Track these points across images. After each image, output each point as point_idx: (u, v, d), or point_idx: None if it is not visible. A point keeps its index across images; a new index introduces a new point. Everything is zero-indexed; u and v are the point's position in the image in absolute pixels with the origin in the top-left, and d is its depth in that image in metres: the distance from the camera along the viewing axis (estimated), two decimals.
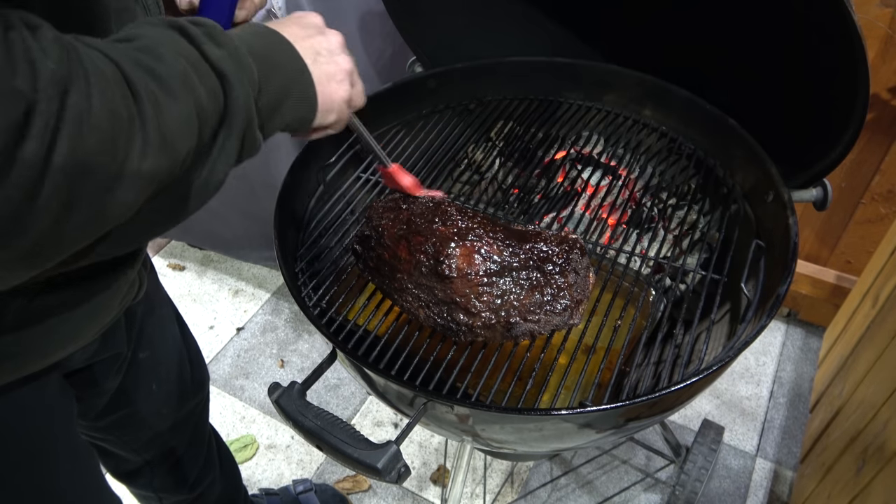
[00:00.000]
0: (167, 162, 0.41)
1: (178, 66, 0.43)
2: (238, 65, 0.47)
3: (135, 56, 0.41)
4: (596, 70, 1.02)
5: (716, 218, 0.90)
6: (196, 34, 0.46)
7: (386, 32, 1.40)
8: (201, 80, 0.44)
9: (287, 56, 0.55)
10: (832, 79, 0.80)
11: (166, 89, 0.41)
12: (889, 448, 0.94)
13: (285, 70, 0.54)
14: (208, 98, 0.45)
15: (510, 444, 0.76)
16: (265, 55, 0.52)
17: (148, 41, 0.44)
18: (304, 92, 0.56)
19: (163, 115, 0.40)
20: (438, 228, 0.71)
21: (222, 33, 0.48)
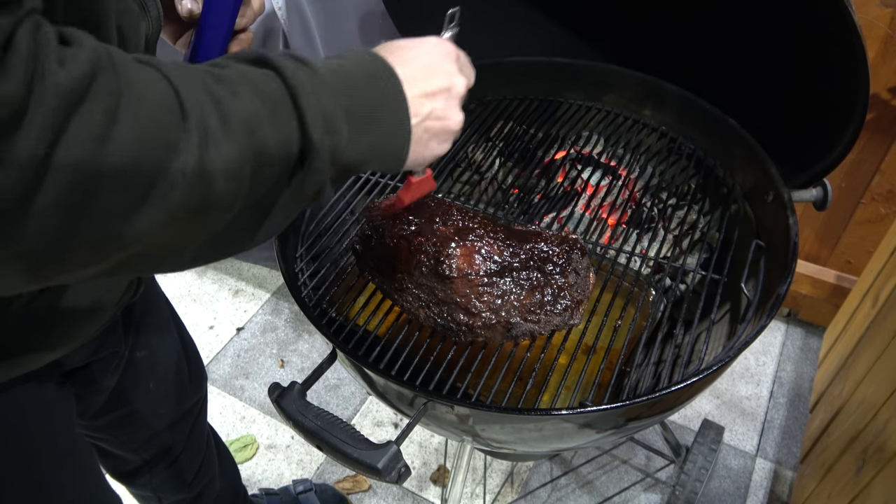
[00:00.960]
0: (197, 199, 0.38)
1: (251, 107, 0.40)
2: (328, 132, 0.43)
3: (205, 82, 0.39)
4: (596, 70, 1.02)
5: (716, 218, 0.90)
6: (294, 81, 0.43)
7: (386, 32, 1.40)
8: (276, 127, 0.41)
9: (392, 115, 0.49)
10: (832, 79, 0.80)
11: (224, 124, 0.39)
12: (889, 448, 0.94)
13: (382, 130, 0.48)
14: (277, 146, 0.41)
15: (510, 444, 0.76)
16: (367, 119, 0.47)
17: (233, 72, 0.42)
18: (394, 155, 0.51)
19: (209, 151, 0.38)
20: (439, 228, 0.71)
21: (323, 82, 0.44)
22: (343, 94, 0.45)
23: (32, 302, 0.55)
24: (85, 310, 0.60)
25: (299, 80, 0.43)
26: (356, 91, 0.46)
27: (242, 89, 0.41)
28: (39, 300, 0.55)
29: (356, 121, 0.45)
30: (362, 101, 0.46)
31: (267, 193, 0.43)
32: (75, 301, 0.58)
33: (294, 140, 0.42)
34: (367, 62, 0.49)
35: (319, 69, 0.45)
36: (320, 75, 0.45)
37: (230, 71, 0.42)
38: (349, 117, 0.45)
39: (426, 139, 0.52)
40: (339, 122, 0.44)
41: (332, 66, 0.46)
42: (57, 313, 0.58)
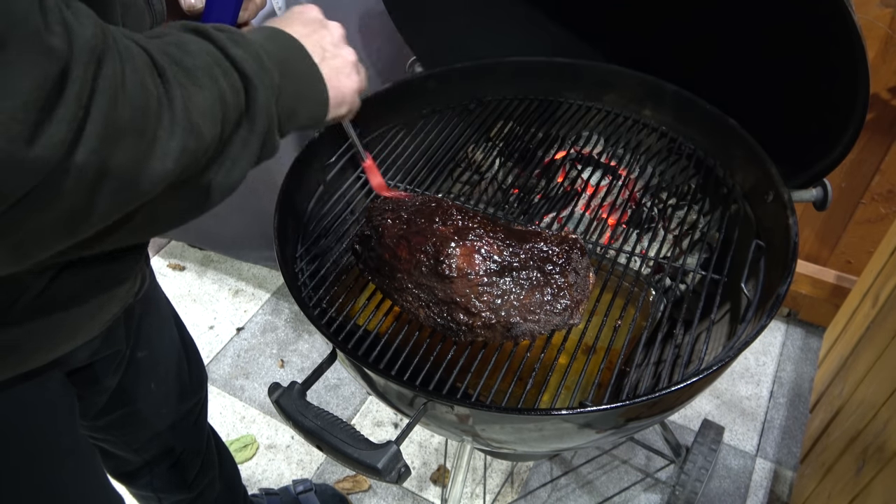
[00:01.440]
0: (192, 144, 0.42)
1: (203, 60, 0.45)
2: (260, 68, 0.49)
3: (163, 47, 0.43)
4: (596, 70, 1.02)
5: (716, 218, 0.90)
6: (219, 38, 0.47)
7: (386, 32, 1.40)
8: (225, 76, 0.45)
9: (299, 59, 0.56)
10: (832, 79, 0.80)
11: (192, 78, 0.43)
12: (889, 448, 0.94)
13: (299, 73, 0.55)
14: (231, 93, 0.46)
15: (510, 444, 0.76)
16: (281, 59, 0.53)
17: (175, 38, 0.46)
18: (317, 93, 0.57)
19: (190, 100, 0.42)
20: (439, 228, 0.71)
21: (243, 37, 0.49)
22: (259, 45, 0.50)
23: (40, 297, 0.55)
24: (91, 306, 0.61)
25: (221, 38, 0.47)
26: (268, 45, 0.52)
27: (190, 48, 0.45)
28: (47, 295, 0.55)
29: (278, 64, 0.51)
30: (275, 53, 0.52)
31: (233, 135, 0.47)
32: (82, 297, 0.59)
33: (238, 84, 0.47)
34: (259, 32, 0.55)
35: (233, 31, 0.50)
36: (235, 34, 0.49)
37: (172, 36, 0.46)
38: (270, 58, 0.50)
39: (335, 76, 0.60)
40: (266, 62, 0.50)
41: (234, 30, 0.51)
42: (62, 309, 0.58)
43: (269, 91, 0.49)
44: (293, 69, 0.54)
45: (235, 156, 0.48)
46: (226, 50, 0.47)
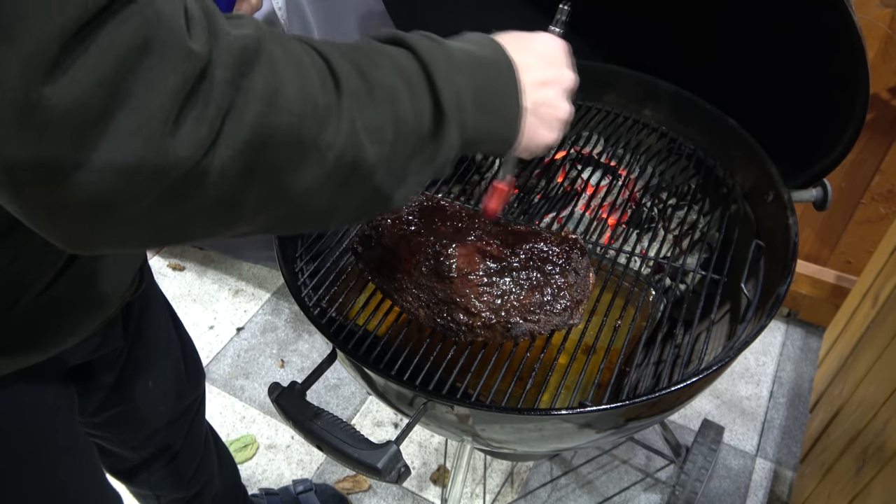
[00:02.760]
0: (350, 158, 0.41)
1: (391, 77, 0.43)
2: (458, 106, 0.47)
3: (351, 55, 0.42)
4: (596, 70, 1.02)
5: (716, 218, 0.90)
6: (428, 57, 0.46)
7: None
8: (412, 98, 0.44)
9: (508, 103, 0.52)
10: (832, 79, 0.80)
11: (371, 93, 0.41)
12: (889, 448, 0.94)
13: (501, 116, 0.52)
14: (414, 116, 0.44)
15: (510, 444, 0.76)
16: (489, 97, 0.50)
17: (371, 48, 0.45)
18: (509, 136, 0.54)
19: (360, 114, 0.40)
20: (439, 228, 0.71)
21: (454, 58, 0.47)
22: (470, 75, 0.48)
23: (40, 296, 0.55)
24: (90, 304, 0.61)
25: (433, 59, 0.46)
26: (480, 74, 0.49)
27: (382, 62, 0.43)
28: (47, 294, 0.55)
29: (479, 100, 0.49)
30: (485, 83, 0.49)
31: (404, 160, 0.45)
32: (80, 295, 0.59)
33: (428, 113, 0.45)
34: (488, 48, 0.52)
35: (451, 49, 0.48)
36: (452, 55, 0.47)
37: (369, 47, 0.45)
38: (474, 97, 0.48)
39: (536, 125, 0.55)
40: (467, 100, 0.47)
41: (459, 47, 0.50)
42: (63, 307, 0.58)
43: (459, 129, 0.47)
44: (496, 110, 0.51)
45: (403, 173, 0.46)
46: (431, 74, 0.45)
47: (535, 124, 0.55)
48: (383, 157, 0.43)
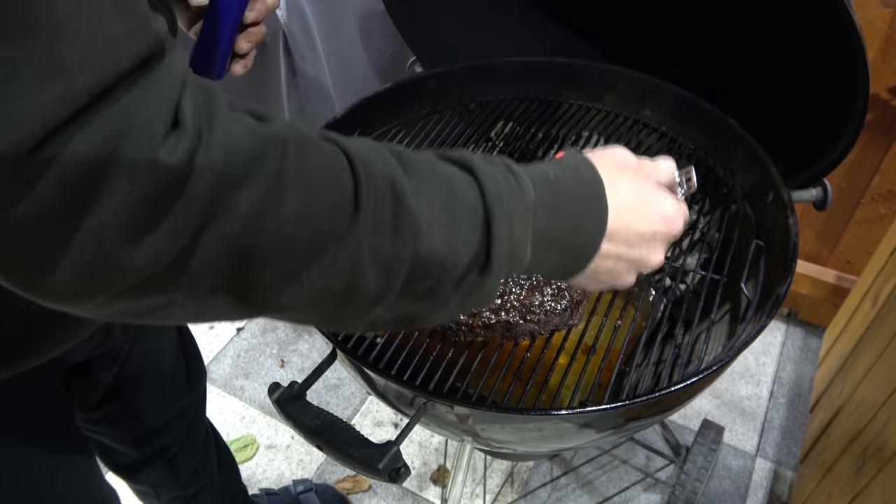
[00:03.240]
0: (343, 285, 0.36)
1: (433, 211, 0.38)
2: (510, 259, 0.41)
3: (392, 174, 0.37)
4: (596, 70, 1.02)
5: (716, 218, 0.90)
6: (493, 202, 0.40)
7: (386, 32, 1.40)
8: (453, 238, 0.39)
9: (575, 257, 0.47)
10: (832, 79, 0.80)
11: (396, 224, 0.36)
12: (889, 448, 0.94)
13: (559, 260, 0.46)
14: (447, 259, 0.39)
15: (510, 444, 0.76)
16: (553, 241, 0.44)
17: (427, 168, 0.39)
18: (558, 276, 0.49)
19: (373, 245, 0.36)
20: None
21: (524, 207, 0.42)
22: (543, 215, 0.43)
23: (33, 304, 0.55)
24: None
25: (499, 200, 0.40)
26: (557, 217, 0.44)
27: (428, 190, 0.38)
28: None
29: (542, 245, 0.44)
30: (557, 231, 0.44)
31: (422, 294, 0.40)
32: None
33: (469, 256, 0.40)
34: (585, 185, 0.46)
35: (527, 188, 0.43)
36: (524, 195, 0.42)
37: (424, 165, 0.40)
38: (536, 242, 0.43)
39: (610, 275, 0.50)
40: (524, 248, 0.42)
41: (544, 180, 0.44)
42: (58, 313, 0.58)
43: (504, 275, 0.42)
44: (564, 253, 0.46)
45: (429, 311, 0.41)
46: (490, 215, 0.39)
47: (604, 272, 0.49)
48: (393, 289, 0.38)
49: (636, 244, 0.49)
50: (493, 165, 0.42)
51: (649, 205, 0.50)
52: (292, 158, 0.33)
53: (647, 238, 0.49)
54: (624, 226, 0.48)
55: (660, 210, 0.50)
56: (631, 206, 0.48)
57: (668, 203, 0.51)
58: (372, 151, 0.38)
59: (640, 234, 0.49)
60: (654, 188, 0.51)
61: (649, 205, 0.50)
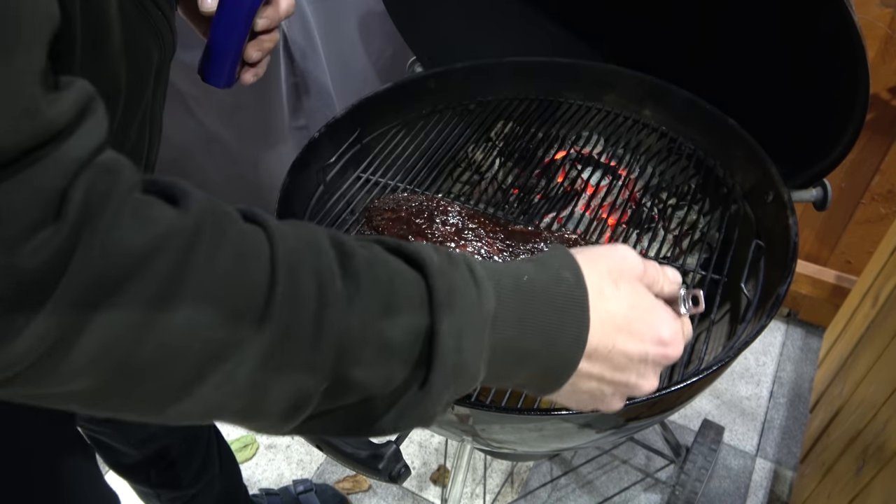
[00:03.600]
0: (242, 405, 0.32)
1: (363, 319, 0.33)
2: (459, 377, 0.36)
3: (322, 277, 0.32)
4: (596, 70, 1.02)
5: (716, 218, 0.90)
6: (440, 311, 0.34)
7: (386, 32, 1.40)
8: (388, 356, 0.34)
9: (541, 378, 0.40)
10: (832, 79, 0.80)
11: (315, 341, 0.32)
12: (889, 448, 0.94)
13: (539, 376, 0.40)
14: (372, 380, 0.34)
15: (510, 444, 0.76)
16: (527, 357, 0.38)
17: (366, 268, 0.34)
18: (544, 391, 0.42)
19: (277, 363, 0.31)
20: (438, 228, 0.71)
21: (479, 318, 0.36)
22: (506, 326, 0.37)
23: None
24: None
25: (448, 310, 0.35)
26: (526, 328, 0.38)
27: (363, 297, 0.33)
28: None
29: (505, 357, 0.38)
30: (525, 343, 0.38)
31: (341, 412, 0.36)
32: None
33: (405, 373, 0.35)
34: (565, 292, 0.39)
35: (487, 295, 0.36)
36: (482, 303, 0.36)
37: (366, 263, 0.34)
38: (498, 354, 0.37)
39: (568, 399, 0.44)
40: (476, 366, 0.36)
41: (515, 283, 0.38)
42: None
43: (442, 401, 0.36)
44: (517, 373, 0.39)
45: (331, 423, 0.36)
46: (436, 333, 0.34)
47: (586, 396, 0.43)
48: (304, 409, 0.34)
49: (623, 367, 0.42)
50: (452, 265, 0.36)
51: (643, 323, 0.42)
52: (196, 256, 0.29)
53: (636, 361, 0.42)
54: (609, 344, 0.41)
55: (654, 330, 0.43)
56: (620, 322, 0.41)
57: (667, 323, 0.43)
58: (306, 245, 0.33)
59: (628, 356, 0.42)
60: (652, 304, 0.43)
61: (643, 323, 0.42)
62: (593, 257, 0.42)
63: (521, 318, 0.37)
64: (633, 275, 0.43)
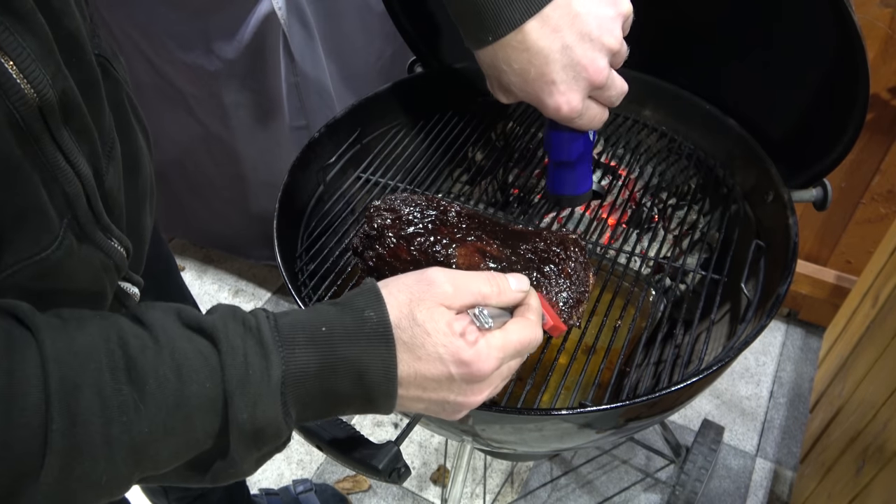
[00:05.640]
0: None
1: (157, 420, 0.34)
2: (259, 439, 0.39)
3: (102, 389, 0.33)
4: None
5: (716, 218, 0.90)
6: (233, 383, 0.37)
7: (386, 32, 1.40)
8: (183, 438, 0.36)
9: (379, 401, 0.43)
10: (832, 79, 0.80)
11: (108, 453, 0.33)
12: (889, 448, 0.94)
13: (363, 408, 0.43)
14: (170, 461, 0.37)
15: (510, 444, 0.76)
16: (341, 398, 0.41)
17: (152, 361, 0.35)
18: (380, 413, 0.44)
19: (74, 475, 0.32)
20: (438, 228, 0.71)
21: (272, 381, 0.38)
22: (308, 380, 0.40)
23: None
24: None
25: (241, 385, 0.37)
26: (326, 379, 0.40)
27: (152, 401, 0.35)
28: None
29: (316, 408, 0.41)
30: (333, 388, 0.41)
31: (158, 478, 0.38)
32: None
33: (206, 446, 0.38)
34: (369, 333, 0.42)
35: (275, 363, 0.38)
36: (271, 372, 0.38)
37: (152, 361, 0.35)
38: (308, 408, 0.41)
39: (411, 410, 0.47)
40: (276, 425, 0.39)
41: (312, 337, 0.40)
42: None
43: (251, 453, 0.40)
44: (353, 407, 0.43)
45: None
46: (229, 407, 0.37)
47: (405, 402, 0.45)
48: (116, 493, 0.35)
49: (434, 388, 0.44)
50: (246, 335, 0.39)
51: (440, 346, 0.44)
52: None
53: (445, 381, 0.44)
54: (411, 372, 0.43)
55: (452, 354, 0.44)
56: (418, 352, 0.43)
57: (462, 345, 0.44)
58: (85, 360, 0.33)
59: (434, 379, 0.44)
60: (446, 328, 0.44)
61: (440, 346, 0.44)
62: (396, 289, 0.44)
63: (321, 368, 0.40)
64: (436, 300, 0.45)
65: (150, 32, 1.31)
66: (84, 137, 0.41)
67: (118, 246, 0.46)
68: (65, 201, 0.40)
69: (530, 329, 0.49)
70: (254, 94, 1.33)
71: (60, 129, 0.38)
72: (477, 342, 0.45)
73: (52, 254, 0.39)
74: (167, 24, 1.28)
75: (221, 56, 1.27)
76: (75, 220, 0.41)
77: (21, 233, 0.37)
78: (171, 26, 1.28)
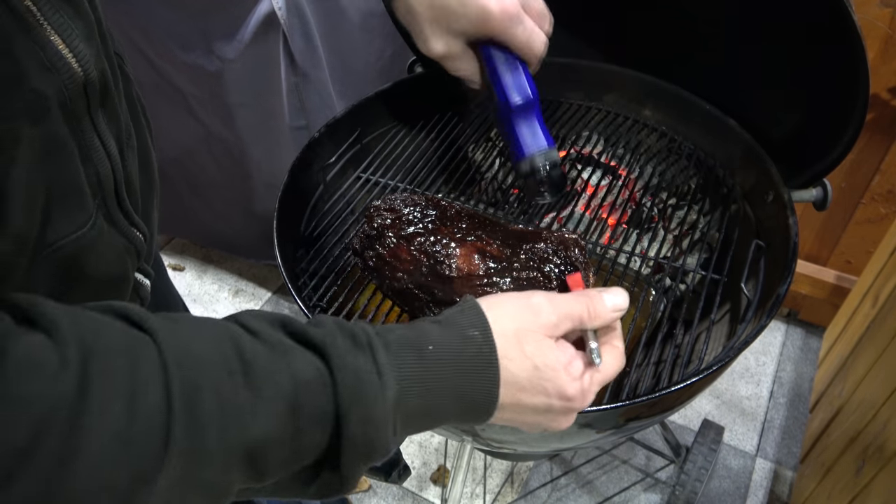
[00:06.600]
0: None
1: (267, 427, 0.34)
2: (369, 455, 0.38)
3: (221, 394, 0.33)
4: (596, 70, 1.02)
5: (716, 218, 0.90)
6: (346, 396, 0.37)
7: (386, 32, 1.40)
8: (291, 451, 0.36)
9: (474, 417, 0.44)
10: (832, 79, 0.80)
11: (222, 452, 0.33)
12: (889, 448, 0.94)
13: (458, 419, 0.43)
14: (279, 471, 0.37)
15: (510, 443, 0.76)
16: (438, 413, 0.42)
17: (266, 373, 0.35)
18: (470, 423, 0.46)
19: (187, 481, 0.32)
20: (438, 228, 0.71)
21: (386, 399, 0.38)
22: (412, 396, 0.40)
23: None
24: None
25: (354, 402, 0.37)
26: (432, 395, 0.41)
27: (266, 406, 0.34)
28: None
29: (414, 424, 0.41)
30: (435, 403, 0.41)
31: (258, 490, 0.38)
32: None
33: (314, 457, 0.38)
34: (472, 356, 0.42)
35: (389, 381, 0.38)
36: (386, 390, 0.38)
37: (267, 366, 0.35)
38: (406, 425, 0.40)
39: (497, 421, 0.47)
40: (383, 443, 0.39)
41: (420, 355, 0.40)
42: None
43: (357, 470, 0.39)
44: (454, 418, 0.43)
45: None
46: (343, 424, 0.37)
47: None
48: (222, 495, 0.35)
49: (531, 415, 0.46)
50: (357, 351, 0.39)
51: (547, 382, 0.45)
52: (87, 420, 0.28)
53: (542, 411, 0.46)
54: (513, 400, 0.44)
55: (558, 388, 0.45)
56: (524, 384, 0.44)
57: (570, 382, 0.46)
58: (204, 361, 0.33)
59: (534, 409, 0.45)
60: (555, 363, 0.45)
61: (547, 382, 0.45)
62: (502, 314, 0.44)
63: (428, 388, 0.40)
64: (542, 332, 0.45)
65: (150, 32, 1.31)
66: (114, 121, 0.43)
67: (137, 232, 0.47)
68: (97, 181, 0.41)
69: (620, 360, 0.50)
70: (254, 94, 1.33)
71: (97, 109, 0.40)
72: (582, 378, 0.46)
73: (87, 232, 0.39)
74: (167, 24, 1.28)
75: (221, 56, 1.27)
76: (103, 202, 0.42)
77: (63, 210, 0.38)
78: (171, 26, 1.28)
